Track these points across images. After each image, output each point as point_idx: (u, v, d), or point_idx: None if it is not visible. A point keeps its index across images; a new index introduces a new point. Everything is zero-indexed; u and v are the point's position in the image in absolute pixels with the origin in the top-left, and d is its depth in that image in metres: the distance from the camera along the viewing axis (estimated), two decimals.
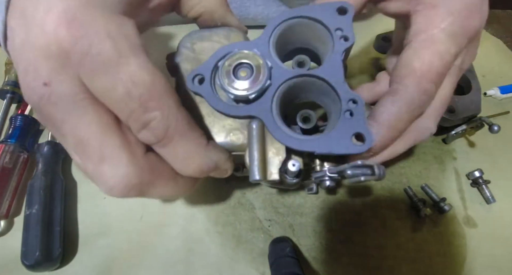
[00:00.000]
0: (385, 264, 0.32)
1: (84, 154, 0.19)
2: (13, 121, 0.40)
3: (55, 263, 0.31)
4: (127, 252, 0.33)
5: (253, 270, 0.32)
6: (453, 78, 0.26)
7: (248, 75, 0.24)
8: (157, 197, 0.22)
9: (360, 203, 0.36)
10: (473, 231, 0.35)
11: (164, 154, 0.21)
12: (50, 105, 0.18)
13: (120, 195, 0.19)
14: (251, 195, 0.37)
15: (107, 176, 0.19)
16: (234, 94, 0.23)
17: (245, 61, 0.24)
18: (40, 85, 0.18)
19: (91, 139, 0.18)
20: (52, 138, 0.40)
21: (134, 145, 0.20)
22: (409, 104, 0.24)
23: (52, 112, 0.18)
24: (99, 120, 0.19)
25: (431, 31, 0.24)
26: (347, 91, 0.23)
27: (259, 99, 0.24)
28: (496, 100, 0.46)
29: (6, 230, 0.34)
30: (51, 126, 0.19)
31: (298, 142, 0.23)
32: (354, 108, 0.23)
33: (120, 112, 0.19)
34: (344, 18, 0.24)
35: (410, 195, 0.36)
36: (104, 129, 0.19)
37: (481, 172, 0.37)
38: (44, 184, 0.34)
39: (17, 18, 0.19)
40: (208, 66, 0.24)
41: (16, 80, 0.45)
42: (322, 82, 0.24)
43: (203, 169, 0.22)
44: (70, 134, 0.19)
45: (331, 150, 0.22)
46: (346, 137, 0.22)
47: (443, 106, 0.27)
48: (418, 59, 0.24)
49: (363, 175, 0.21)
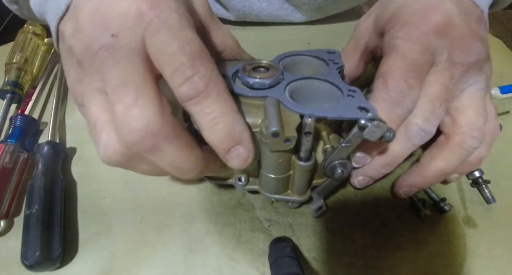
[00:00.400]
0: (385, 264, 0.32)
1: (121, 95, 0.21)
2: (13, 121, 0.40)
3: (55, 263, 0.31)
4: (127, 252, 0.33)
5: (253, 270, 0.32)
6: (442, 74, 0.29)
7: (265, 71, 0.29)
8: (167, 160, 0.22)
9: (360, 203, 0.36)
10: (473, 231, 0.35)
11: (197, 110, 0.22)
12: (108, 52, 0.21)
13: (136, 139, 0.20)
14: (251, 195, 0.37)
15: (133, 118, 0.20)
16: (255, 80, 0.27)
17: (263, 64, 0.30)
18: (108, 35, 0.21)
19: (131, 84, 0.21)
20: (52, 138, 0.40)
21: (165, 103, 0.22)
22: (385, 102, 0.28)
23: (106, 59, 0.21)
24: (143, 73, 0.21)
25: (394, 41, 0.30)
26: (345, 85, 0.28)
27: (274, 88, 0.28)
28: (496, 100, 0.46)
29: (6, 230, 0.34)
30: (93, 70, 0.22)
31: (311, 109, 0.25)
32: (354, 93, 0.27)
33: (169, 65, 0.21)
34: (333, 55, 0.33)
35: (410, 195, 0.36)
36: (146, 80, 0.21)
37: (481, 172, 0.37)
38: (44, 184, 0.34)
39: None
40: (232, 70, 0.29)
41: (16, 80, 0.45)
42: (323, 84, 0.28)
43: (230, 132, 0.22)
44: (114, 77, 0.21)
45: (342, 114, 0.25)
46: (352, 107, 0.26)
47: (432, 103, 0.29)
48: (384, 65, 0.29)
49: (377, 129, 0.24)
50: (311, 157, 0.28)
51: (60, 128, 0.43)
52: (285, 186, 0.31)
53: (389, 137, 0.24)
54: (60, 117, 0.44)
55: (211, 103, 0.22)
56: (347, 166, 0.27)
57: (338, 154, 0.27)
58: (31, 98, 0.46)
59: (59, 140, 0.42)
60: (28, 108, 0.45)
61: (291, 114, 0.26)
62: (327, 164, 0.28)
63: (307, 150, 0.27)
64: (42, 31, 0.53)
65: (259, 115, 0.26)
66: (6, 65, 0.47)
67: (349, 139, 0.26)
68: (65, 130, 0.43)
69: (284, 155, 0.27)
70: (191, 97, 0.21)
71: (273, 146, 0.25)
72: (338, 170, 0.27)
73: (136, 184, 0.38)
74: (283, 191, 0.31)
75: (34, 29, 0.52)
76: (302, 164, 0.27)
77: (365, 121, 0.24)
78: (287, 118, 0.25)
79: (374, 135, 0.24)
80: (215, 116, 0.22)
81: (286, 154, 0.27)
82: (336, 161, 0.27)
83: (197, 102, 0.22)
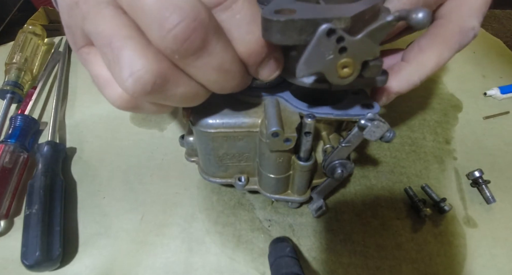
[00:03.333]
0: (385, 264, 0.32)
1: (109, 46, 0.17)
2: (13, 121, 0.40)
3: (55, 263, 0.31)
4: (127, 252, 0.33)
5: (253, 270, 0.32)
6: None
7: None
8: (217, 62, 0.19)
9: (360, 203, 0.36)
10: (473, 231, 0.35)
11: (227, 17, 0.18)
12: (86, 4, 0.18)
13: (184, 33, 0.16)
14: (251, 195, 0.37)
15: (173, 6, 0.16)
16: (256, 82, 0.26)
17: None
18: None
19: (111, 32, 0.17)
20: (52, 138, 0.40)
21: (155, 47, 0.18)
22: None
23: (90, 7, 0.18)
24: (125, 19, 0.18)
25: None
26: None
27: (275, 88, 0.27)
28: (496, 100, 0.46)
29: (6, 230, 0.34)
30: (83, 18, 0.18)
31: (315, 109, 0.25)
32: (358, 91, 0.27)
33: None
34: None
35: (411, 195, 0.36)
36: (128, 27, 0.17)
37: (481, 172, 0.37)
38: (44, 184, 0.34)
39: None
40: None
41: (16, 80, 0.45)
42: None
43: (264, 42, 0.19)
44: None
45: (346, 113, 0.25)
46: (356, 105, 0.26)
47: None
48: None
49: (376, 129, 0.23)
50: (311, 157, 0.28)
51: (60, 128, 0.43)
52: (285, 186, 0.31)
53: (389, 137, 0.24)
54: (60, 117, 0.44)
55: (243, 7, 0.18)
56: (347, 166, 0.27)
57: (338, 154, 0.27)
58: (31, 98, 0.46)
59: (59, 140, 0.42)
60: (28, 108, 0.45)
61: (291, 114, 0.26)
62: (327, 164, 0.28)
63: (307, 150, 0.27)
64: (42, 31, 0.53)
65: (259, 115, 0.26)
66: (6, 65, 0.47)
67: (349, 139, 0.26)
68: (65, 130, 0.43)
69: (284, 155, 0.27)
70: (220, 0, 0.17)
71: (273, 146, 0.25)
72: (338, 170, 0.27)
73: (136, 184, 0.38)
74: (283, 191, 0.31)
75: (34, 29, 0.52)
76: (302, 164, 0.27)
77: (365, 121, 0.24)
78: (287, 118, 0.25)
79: (374, 135, 0.24)
80: (248, 21, 0.18)
81: (286, 154, 0.27)
82: (336, 161, 0.27)
83: (227, 6, 0.18)
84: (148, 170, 0.39)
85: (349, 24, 0.18)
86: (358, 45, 0.18)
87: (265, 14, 0.18)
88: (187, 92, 0.20)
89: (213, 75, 0.19)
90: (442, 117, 0.44)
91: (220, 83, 0.20)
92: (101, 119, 0.44)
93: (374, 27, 0.18)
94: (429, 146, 0.41)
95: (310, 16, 0.17)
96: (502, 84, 0.47)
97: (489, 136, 0.42)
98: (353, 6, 0.19)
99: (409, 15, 0.16)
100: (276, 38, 0.18)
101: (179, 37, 0.16)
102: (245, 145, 0.28)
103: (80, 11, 0.19)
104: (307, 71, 0.19)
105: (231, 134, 0.26)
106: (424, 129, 0.43)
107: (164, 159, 0.40)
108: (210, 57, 0.18)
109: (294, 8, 0.19)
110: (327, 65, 0.19)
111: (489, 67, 0.51)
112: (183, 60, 0.18)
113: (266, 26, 0.18)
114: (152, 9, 0.16)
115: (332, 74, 0.19)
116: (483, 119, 0.44)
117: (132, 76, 0.17)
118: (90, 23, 0.18)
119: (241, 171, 0.31)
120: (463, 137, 0.42)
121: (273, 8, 0.19)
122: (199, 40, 0.17)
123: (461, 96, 0.47)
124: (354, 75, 0.19)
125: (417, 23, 0.16)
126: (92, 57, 0.21)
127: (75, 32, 0.20)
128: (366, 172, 0.39)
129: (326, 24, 0.17)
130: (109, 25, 0.18)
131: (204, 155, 0.29)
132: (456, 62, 0.51)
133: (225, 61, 0.19)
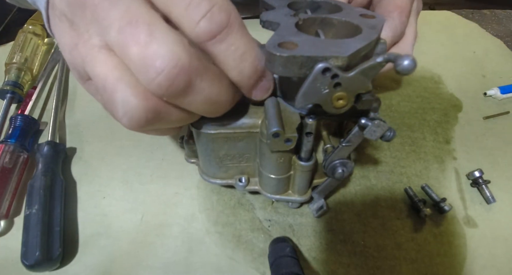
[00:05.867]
0: (385, 264, 0.32)
1: (131, 36, 0.17)
2: (13, 121, 0.40)
3: (55, 263, 0.31)
4: (127, 252, 0.33)
5: (253, 270, 0.32)
6: (415, 18, 0.34)
7: None
8: (204, 97, 0.20)
9: (360, 203, 0.36)
10: (473, 231, 0.35)
11: (223, 49, 0.19)
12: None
13: (167, 79, 0.17)
14: (251, 195, 0.37)
15: (155, 56, 0.17)
16: None
17: None
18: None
19: (140, 19, 0.17)
20: (52, 138, 0.40)
21: (181, 34, 0.18)
22: (393, 31, 0.31)
23: (99, 2, 0.18)
24: (148, 8, 0.18)
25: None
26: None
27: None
28: (496, 100, 0.46)
29: (6, 230, 0.34)
30: (88, 22, 0.19)
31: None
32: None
33: (178, 0, 0.18)
34: None
35: (411, 195, 0.36)
36: (153, 14, 0.18)
37: (481, 172, 0.37)
38: (44, 184, 0.34)
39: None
40: None
41: (16, 80, 0.45)
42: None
43: (257, 67, 0.20)
44: (116, 18, 0.18)
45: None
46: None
47: (414, 38, 0.34)
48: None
49: (377, 129, 0.23)
50: (312, 157, 0.28)
51: (60, 128, 0.43)
52: (285, 186, 0.31)
53: (389, 136, 0.24)
54: (60, 117, 0.44)
55: (236, 38, 0.19)
56: (347, 165, 0.27)
57: (338, 153, 0.27)
58: (31, 98, 0.46)
59: (59, 140, 0.42)
60: (28, 108, 0.45)
61: (291, 114, 0.26)
62: (327, 164, 0.28)
63: (307, 150, 0.27)
64: (42, 31, 0.53)
65: (259, 115, 0.26)
66: (6, 65, 0.47)
67: (349, 138, 0.26)
68: (65, 130, 0.43)
69: (285, 155, 0.27)
70: (214, 34, 0.18)
71: (273, 147, 0.25)
72: (339, 170, 0.27)
73: (136, 184, 0.38)
74: (284, 191, 0.31)
75: (34, 29, 0.52)
76: (303, 164, 0.27)
77: (365, 120, 0.24)
78: (287, 118, 0.25)
79: (375, 134, 0.24)
80: (242, 52, 0.19)
81: (287, 154, 0.27)
82: (336, 160, 0.27)
83: (221, 39, 0.18)
84: (148, 170, 0.39)
85: (345, 63, 0.19)
86: (351, 81, 0.20)
87: (269, 48, 0.19)
88: (181, 118, 0.21)
89: (203, 107, 0.20)
90: (442, 117, 0.44)
91: (211, 112, 0.22)
92: (101, 119, 0.44)
93: (366, 66, 0.19)
94: (429, 146, 0.41)
95: (310, 53, 0.19)
96: (502, 84, 0.47)
97: (489, 136, 0.42)
98: (351, 43, 0.20)
99: (396, 60, 0.18)
100: (278, 70, 0.19)
101: (162, 84, 0.17)
102: (245, 146, 0.28)
103: (79, 54, 0.20)
104: (305, 103, 0.20)
105: (231, 135, 0.26)
106: (424, 129, 0.43)
107: (164, 159, 0.40)
108: (196, 95, 0.19)
109: (297, 42, 0.20)
110: (323, 98, 0.20)
111: (489, 67, 0.51)
112: (171, 100, 0.19)
113: (270, 58, 0.19)
114: (136, 59, 0.17)
115: (328, 105, 0.21)
116: (483, 119, 0.44)
117: (125, 115, 0.19)
118: (87, 66, 0.19)
119: (242, 171, 0.31)
120: (463, 137, 0.42)
121: (276, 41, 0.20)
122: (182, 84, 0.18)
123: (461, 96, 0.47)
124: (348, 105, 0.21)
125: (402, 70, 0.18)
126: None
127: (79, 70, 0.21)
128: (366, 172, 0.39)
129: (322, 63, 0.19)
130: (103, 69, 0.19)
131: (204, 156, 0.29)
132: (456, 62, 0.51)
133: (212, 95, 0.20)
